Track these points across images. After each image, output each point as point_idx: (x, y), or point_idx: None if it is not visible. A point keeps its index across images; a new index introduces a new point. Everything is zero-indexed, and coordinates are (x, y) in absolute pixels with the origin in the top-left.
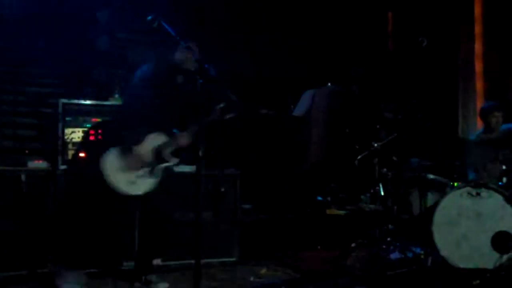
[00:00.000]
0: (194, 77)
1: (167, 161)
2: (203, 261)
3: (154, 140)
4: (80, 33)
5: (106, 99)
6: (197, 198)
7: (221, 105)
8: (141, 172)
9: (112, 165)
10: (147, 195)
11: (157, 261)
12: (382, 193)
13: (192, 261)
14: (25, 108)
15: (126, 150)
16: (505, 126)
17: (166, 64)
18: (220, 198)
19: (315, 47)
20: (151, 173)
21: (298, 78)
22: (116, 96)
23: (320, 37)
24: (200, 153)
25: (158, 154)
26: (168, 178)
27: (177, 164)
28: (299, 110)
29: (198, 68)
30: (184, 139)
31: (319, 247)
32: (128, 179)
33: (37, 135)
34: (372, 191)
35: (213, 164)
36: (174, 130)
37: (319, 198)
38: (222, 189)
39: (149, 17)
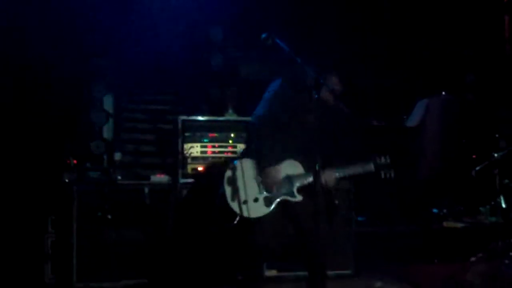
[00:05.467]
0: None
1: (290, 195)
2: None
3: (288, 168)
4: (195, 52)
5: (221, 115)
6: (315, 211)
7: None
8: (260, 195)
9: (242, 173)
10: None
11: (272, 272)
12: (504, 205)
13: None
14: (145, 125)
15: (262, 166)
16: None
17: (298, 84)
18: (335, 211)
19: (428, 55)
20: (268, 202)
21: (410, 87)
22: (230, 111)
23: (433, 43)
24: (317, 167)
25: (286, 184)
26: None
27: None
28: (413, 120)
29: (314, 83)
30: (330, 179)
31: (436, 260)
32: (244, 197)
33: (157, 151)
34: (492, 203)
35: None
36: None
37: (435, 210)
38: (336, 202)
39: (263, 35)
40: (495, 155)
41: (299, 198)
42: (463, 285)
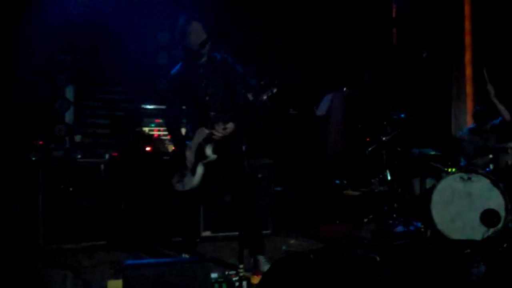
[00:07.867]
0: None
1: (205, 158)
2: None
3: (197, 137)
4: (144, 51)
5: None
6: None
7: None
8: (185, 171)
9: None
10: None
11: (207, 233)
12: (389, 178)
13: (235, 233)
14: (101, 111)
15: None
16: (493, 122)
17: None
18: (258, 183)
19: (334, 58)
20: (193, 171)
21: (319, 83)
22: None
23: (337, 49)
24: (244, 149)
25: (199, 151)
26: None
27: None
28: (321, 110)
29: (242, 80)
30: (220, 127)
31: (337, 221)
32: (179, 177)
33: (112, 133)
34: (380, 176)
35: (253, 155)
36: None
37: (337, 181)
38: (259, 175)
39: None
40: (383, 138)
41: (213, 157)
42: (358, 239)
